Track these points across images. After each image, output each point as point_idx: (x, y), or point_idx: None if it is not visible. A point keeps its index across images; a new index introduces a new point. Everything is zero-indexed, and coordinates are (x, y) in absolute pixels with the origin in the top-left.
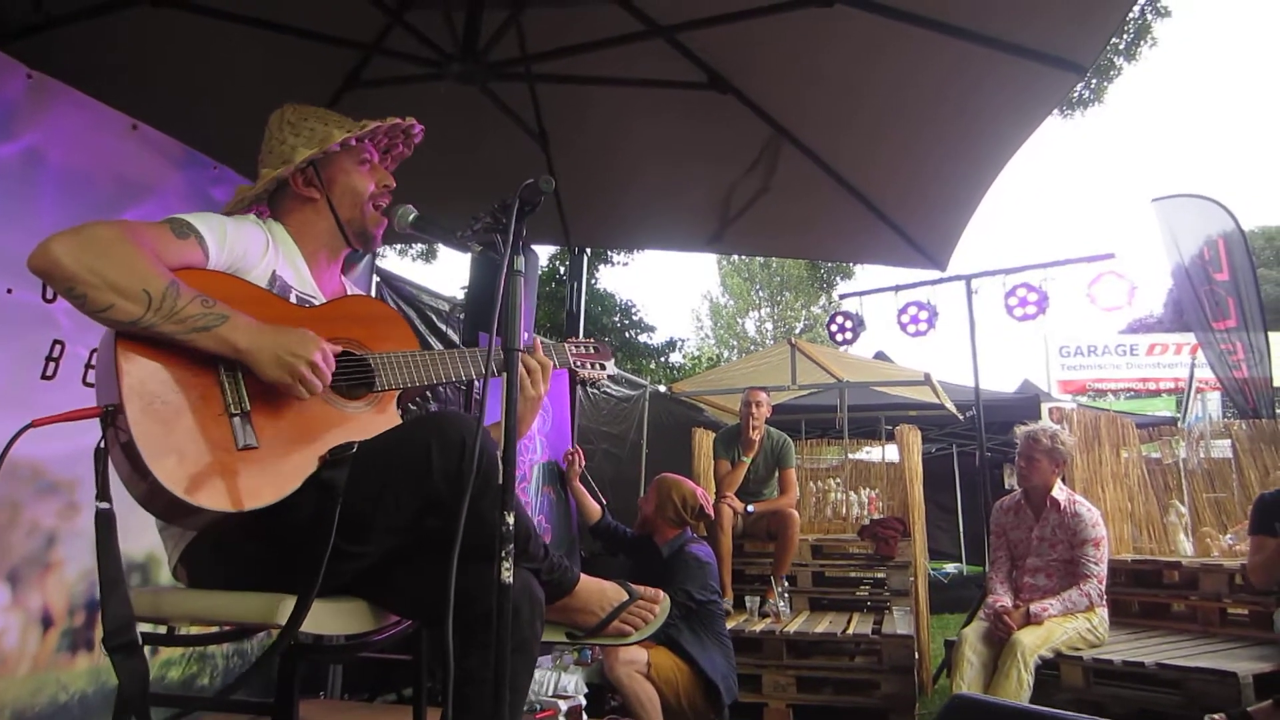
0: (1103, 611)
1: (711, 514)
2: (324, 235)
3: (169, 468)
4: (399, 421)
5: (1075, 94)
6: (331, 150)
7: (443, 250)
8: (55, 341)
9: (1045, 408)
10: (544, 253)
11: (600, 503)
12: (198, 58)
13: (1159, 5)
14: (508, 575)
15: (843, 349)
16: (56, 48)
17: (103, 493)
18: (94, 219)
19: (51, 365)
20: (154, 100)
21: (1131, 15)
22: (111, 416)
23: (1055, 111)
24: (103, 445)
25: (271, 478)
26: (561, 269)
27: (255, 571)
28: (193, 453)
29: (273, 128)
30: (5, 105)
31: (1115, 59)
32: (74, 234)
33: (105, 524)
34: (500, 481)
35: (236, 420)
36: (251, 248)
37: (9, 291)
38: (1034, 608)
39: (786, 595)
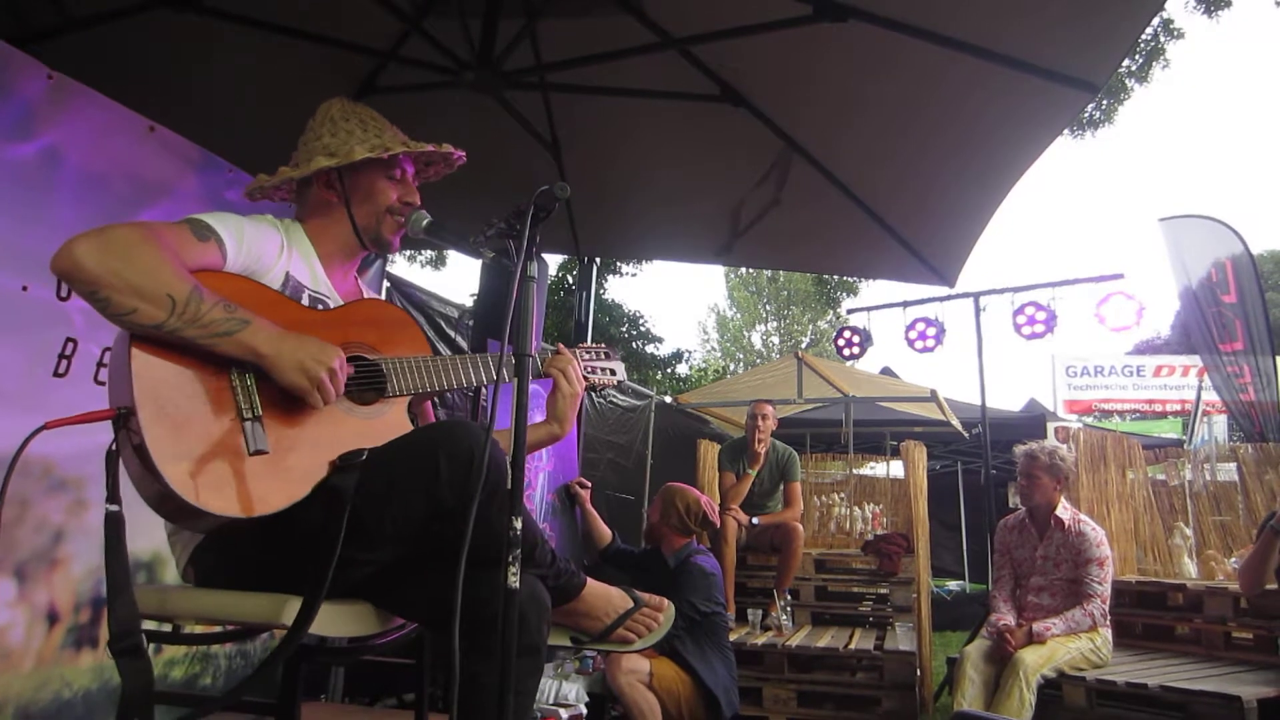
0: (1106, 632)
1: (716, 522)
2: (339, 238)
3: (180, 472)
4: (409, 427)
5: (1085, 114)
6: (355, 160)
7: (452, 257)
8: (68, 339)
9: (1051, 427)
10: (553, 262)
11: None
12: (215, 61)
13: (1172, 27)
14: (514, 580)
15: (849, 364)
16: (77, 49)
17: (113, 495)
18: (111, 219)
19: (64, 363)
20: (172, 103)
21: (1144, 37)
22: (124, 419)
23: (1065, 131)
24: (114, 448)
25: (281, 483)
26: (570, 279)
27: (262, 576)
28: (204, 457)
29: (318, 118)
30: (25, 105)
31: (1127, 81)
32: (97, 235)
33: (115, 527)
34: (507, 489)
35: (248, 425)
36: (267, 249)
37: (24, 289)
38: (1037, 627)
39: (789, 609)
